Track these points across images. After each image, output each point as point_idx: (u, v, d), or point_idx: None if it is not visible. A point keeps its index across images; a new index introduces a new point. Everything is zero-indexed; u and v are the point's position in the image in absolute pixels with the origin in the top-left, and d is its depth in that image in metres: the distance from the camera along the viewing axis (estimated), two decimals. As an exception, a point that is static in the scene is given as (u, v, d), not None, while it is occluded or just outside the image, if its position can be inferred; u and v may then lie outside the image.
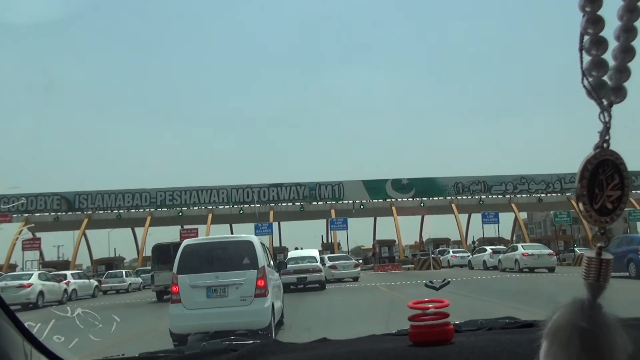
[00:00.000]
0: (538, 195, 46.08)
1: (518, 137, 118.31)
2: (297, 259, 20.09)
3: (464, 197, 46.22)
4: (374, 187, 45.62)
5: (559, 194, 46.00)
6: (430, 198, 46.07)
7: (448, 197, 45.95)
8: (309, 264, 19.24)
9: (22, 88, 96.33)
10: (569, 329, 0.58)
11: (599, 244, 0.63)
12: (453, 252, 36.85)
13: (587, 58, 0.65)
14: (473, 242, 51.37)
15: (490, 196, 46.12)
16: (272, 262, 10.57)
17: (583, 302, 0.60)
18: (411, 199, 45.90)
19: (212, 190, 45.39)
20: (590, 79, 0.64)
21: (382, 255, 46.96)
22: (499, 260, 25.70)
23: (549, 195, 46.24)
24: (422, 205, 45.53)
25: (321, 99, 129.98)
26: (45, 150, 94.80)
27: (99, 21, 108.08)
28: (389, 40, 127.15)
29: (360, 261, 59.55)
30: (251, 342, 1.34)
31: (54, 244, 57.61)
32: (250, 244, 8.69)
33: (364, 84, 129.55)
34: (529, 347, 0.81)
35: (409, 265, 37.43)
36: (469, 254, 36.06)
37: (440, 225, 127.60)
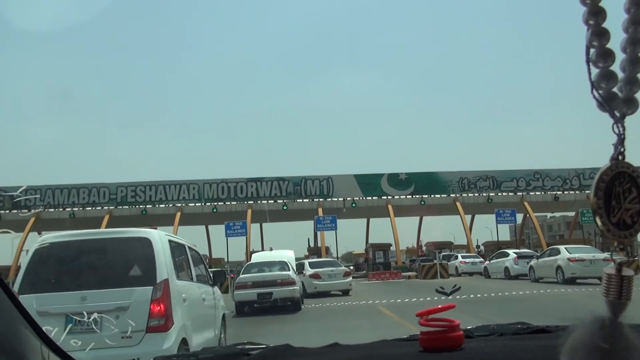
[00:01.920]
0: (554, 192, 40.43)
1: (528, 136, 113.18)
2: (260, 266, 14.25)
3: (470, 195, 40.49)
4: (368, 183, 39.80)
5: (577, 192, 40.42)
6: (432, 195, 40.32)
7: (452, 195, 40.22)
8: (278, 272, 13.39)
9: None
10: (589, 348, 0.56)
11: (618, 260, 0.60)
12: (462, 257, 30.93)
13: (594, 70, 0.65)
14: (477, 247, 45.53)
15: (500, 193, 40.48)
16: (198, 271, 6.96)
17: (604, 320, 0.57)
18: (410, 197, 40.10)
19: (181, 185, 39.39)
20: (600, 91, 0.64)
21: (376, 261, 41.23)
22: (531, 268, 19.95)
23: (566, 192, 40.61)
24: (422, 203, 39.73)
25: (317, 97, 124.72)
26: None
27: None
28: (391, 41, 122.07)
29: (352, 268, 53.80)
30: (264, 346, 1.34)
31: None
32: (145, 242, 5.44)
33: (365, 85, 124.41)
34: (540, 354, 0.91)
35: (409, 273, 31.60)
36: (481, 259, 30.25)
37: (438, 228, 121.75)
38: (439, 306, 1.08)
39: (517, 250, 24.10)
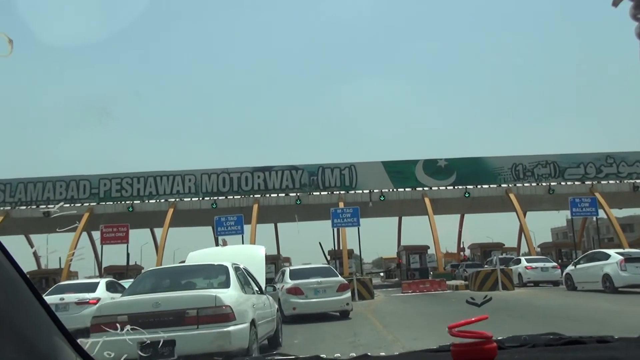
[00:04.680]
0: (632, 181, 32.51)
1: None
2: (170, 276, 6.90)
3: (526, 185, 32.92)
4: (399, 171, 32.66)
5: (662, 179, 32.44)
6: (478, 186, 32.91)
7: (503, 185, 32.73)
8: (194, 292, 6.27)
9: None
10: None
11: None
12: (527, 261, 23.40)
13: None
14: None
15: (562, 183, 32.79)
16: None
17: None
18: (451, 187, 32.79)
19: (174, 176, 32.98)
20: None
21: (410, 267, 34.08)
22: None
23: (647, 181, 32.64)
24: (467, 195, 32.34)
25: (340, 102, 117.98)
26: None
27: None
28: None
29: (382, 274, 46.28)
30: (293, 357, 1.29)
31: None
32: None
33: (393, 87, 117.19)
34: None
35: (455, 282, 24.33)
36: (553, 264, 22.77)
37: (479, 228, 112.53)
38: (472, 318, 1.06)
39: (623, 250, 16.69)
